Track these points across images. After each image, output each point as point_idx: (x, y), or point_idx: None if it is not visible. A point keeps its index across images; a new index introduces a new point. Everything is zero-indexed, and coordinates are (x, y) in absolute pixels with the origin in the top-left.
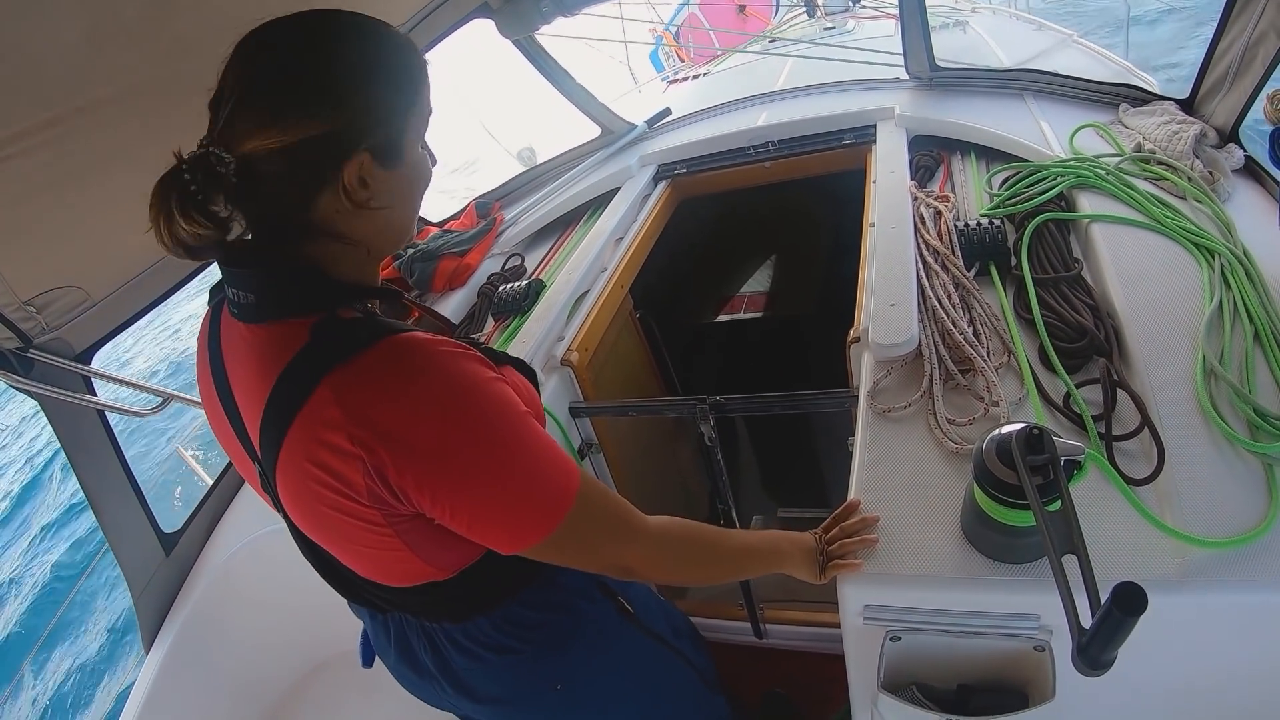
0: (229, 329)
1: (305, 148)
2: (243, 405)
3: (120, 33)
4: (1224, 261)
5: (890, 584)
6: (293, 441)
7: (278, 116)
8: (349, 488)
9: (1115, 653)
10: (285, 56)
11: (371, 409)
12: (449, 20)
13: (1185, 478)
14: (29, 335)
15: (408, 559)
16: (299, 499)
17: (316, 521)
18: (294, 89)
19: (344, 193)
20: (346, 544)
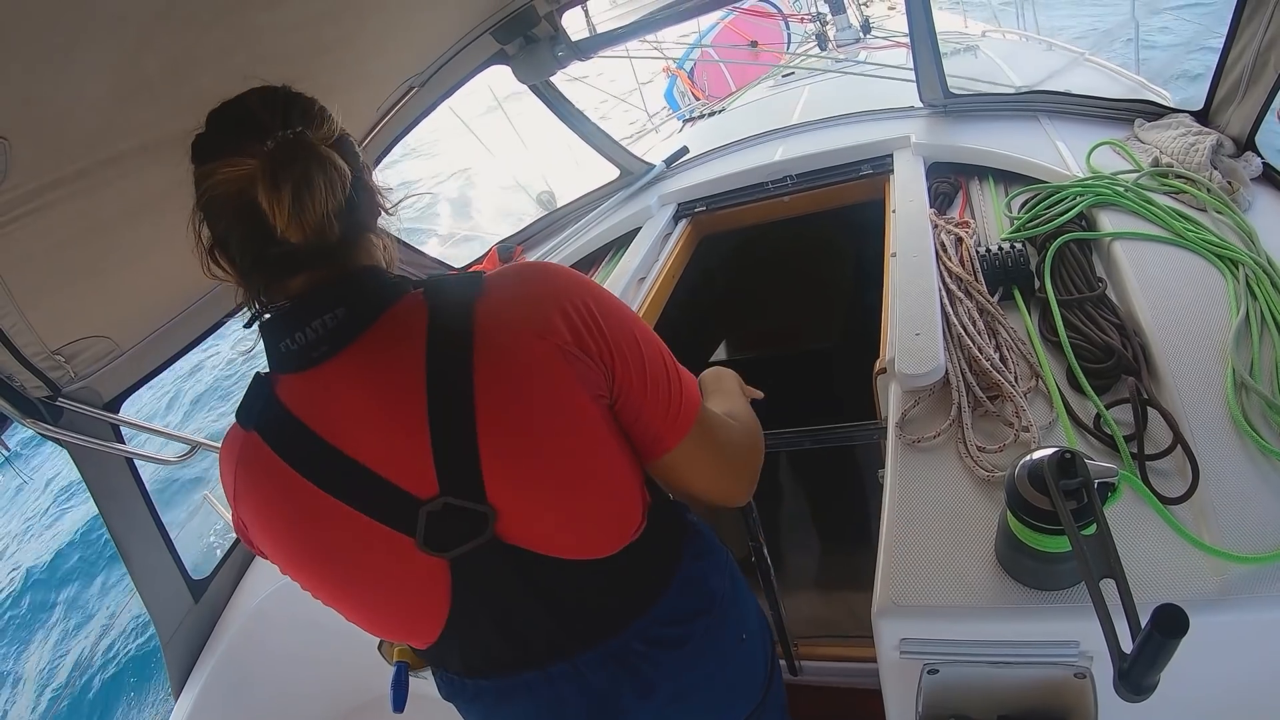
0: (304, 391)
1: (345, 140)
2: (373, 441)
3: (143, 88)
4: (1248, 272)
5: (926, 616)
6: (532, 383)
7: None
8: (583, 365)
9: (1158, 676)
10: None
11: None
12: (467, 67)
13: (1221, 493)
14: (58, 384)
15: (625, 477)
16: (560, 443)
17: (572, 462)
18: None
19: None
20: (580, 468)
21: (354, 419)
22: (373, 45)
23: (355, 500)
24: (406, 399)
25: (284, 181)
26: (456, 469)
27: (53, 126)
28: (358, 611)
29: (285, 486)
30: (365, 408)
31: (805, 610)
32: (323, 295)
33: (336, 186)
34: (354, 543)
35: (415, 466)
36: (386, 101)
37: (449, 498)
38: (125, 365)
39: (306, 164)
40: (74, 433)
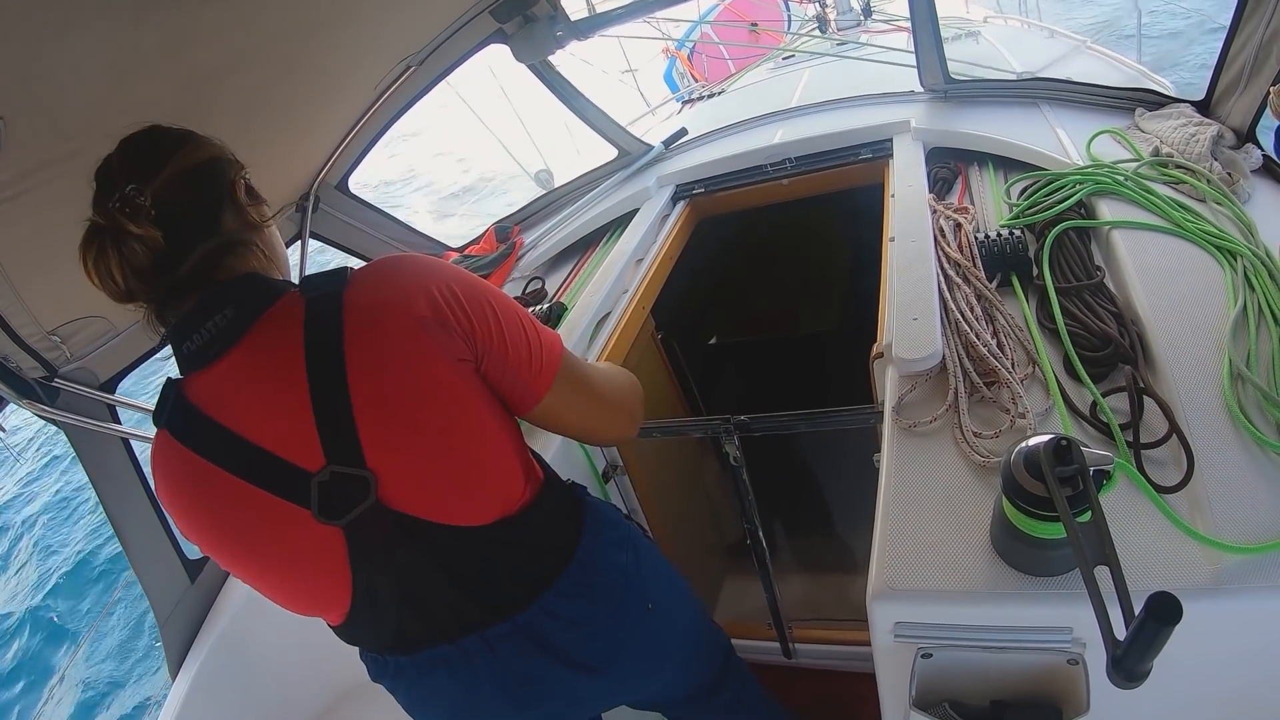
0: (206, 386)
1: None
2: (266, 424)
3: (140, 64)
4: (1247, 263)
5: (921, 600)
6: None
7: (171, 154)
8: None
9: (1151, 664)
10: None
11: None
12: (464, 47)
13: (1215, 483)
14: (54, 365)
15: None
16: (428, 408)
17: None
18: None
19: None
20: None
21: (249, 405)
22: (370, 23)
23: (255, 478)
24: (290, 382)
25: (86, 257)
26: (337, 439)
27: (48, 105)
28: (273, 589)
29: (195, 473)
30: (258, 394)
31: (800, 594)
32: (209, 303)
33: (136, 257)
34: (259, 519)
35: (304, 442)
36: (384, 80)
37: (334, 466)
38: (121, 346)
39: (102, 244)
40: (70, 413)
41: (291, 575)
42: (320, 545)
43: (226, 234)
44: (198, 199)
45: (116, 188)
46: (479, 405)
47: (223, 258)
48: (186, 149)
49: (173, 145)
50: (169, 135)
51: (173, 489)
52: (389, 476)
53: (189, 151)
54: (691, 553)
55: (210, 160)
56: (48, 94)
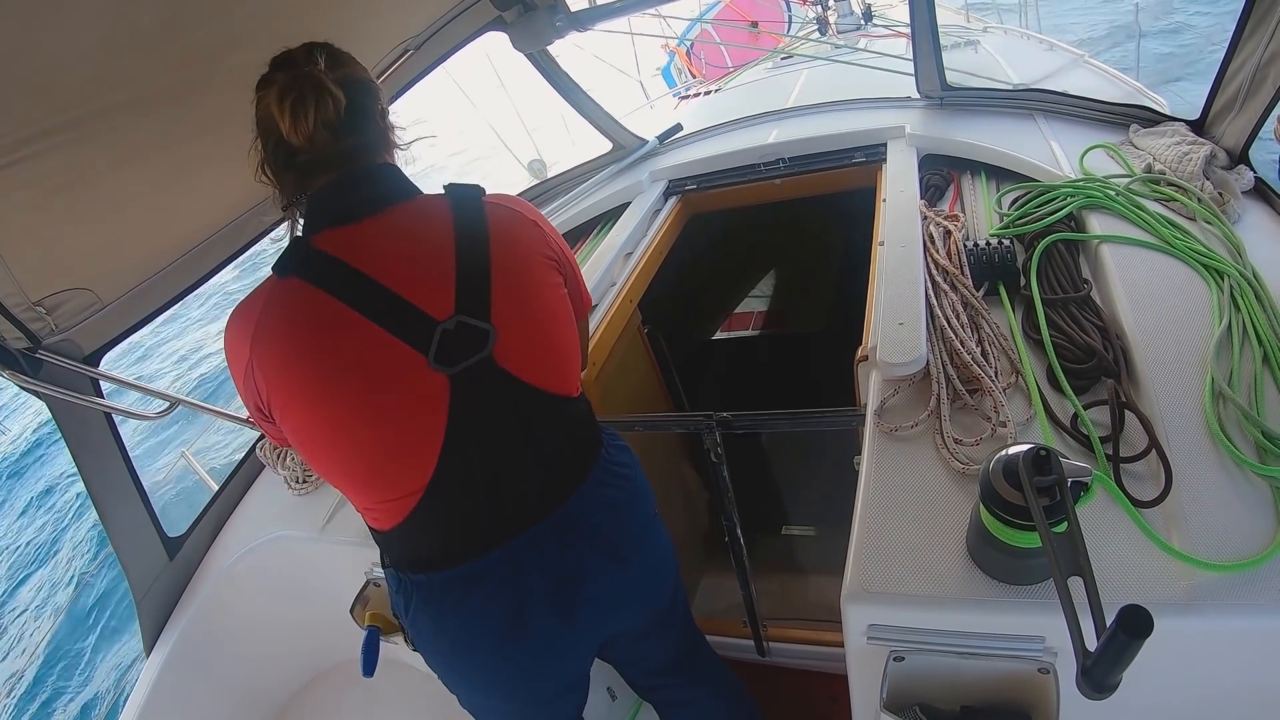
0: (345, 239)
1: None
2: (403, 274)
3: (136, 40)
4: (1233, 283)
5: (895, 604)
6: (522, 249)
7: (348, 62)
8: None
9: (1120, 676)
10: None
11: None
12: (463, 33)
13: (1192, 500)
14: (38, 336)
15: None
16: (539, 291)
17: (546, 307)
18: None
19: (385, 119)
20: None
21: (389, 257)
22: (369, 5)
23: (382, 318)
24: (438, 243)
25: (285, 98)
26: (471, 295)
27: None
28: (358, 437)
29: (319, 307)
30: (401, 248)
31: (775, 592)
32: (369, 172)
33: (328, 108)
34: (374, 355)
35: (438, 294)
36: (381, 63)
37: (462, 316)
38: (107, 319)
39: (303, 89)
40: (53, 385)
41: (389, 424)
42: (425, 394)
43: (375, 135)
44: (363, 101)
45: (300, 65)
46: (567, 302)
47: (371, 151)
48: (358, 66)
49: (348, 58)
50: (343, 52)
51: (289, 324)
52: (504, 336)
53: (359, 69)
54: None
55: (371, 81)
56: (42, 67)
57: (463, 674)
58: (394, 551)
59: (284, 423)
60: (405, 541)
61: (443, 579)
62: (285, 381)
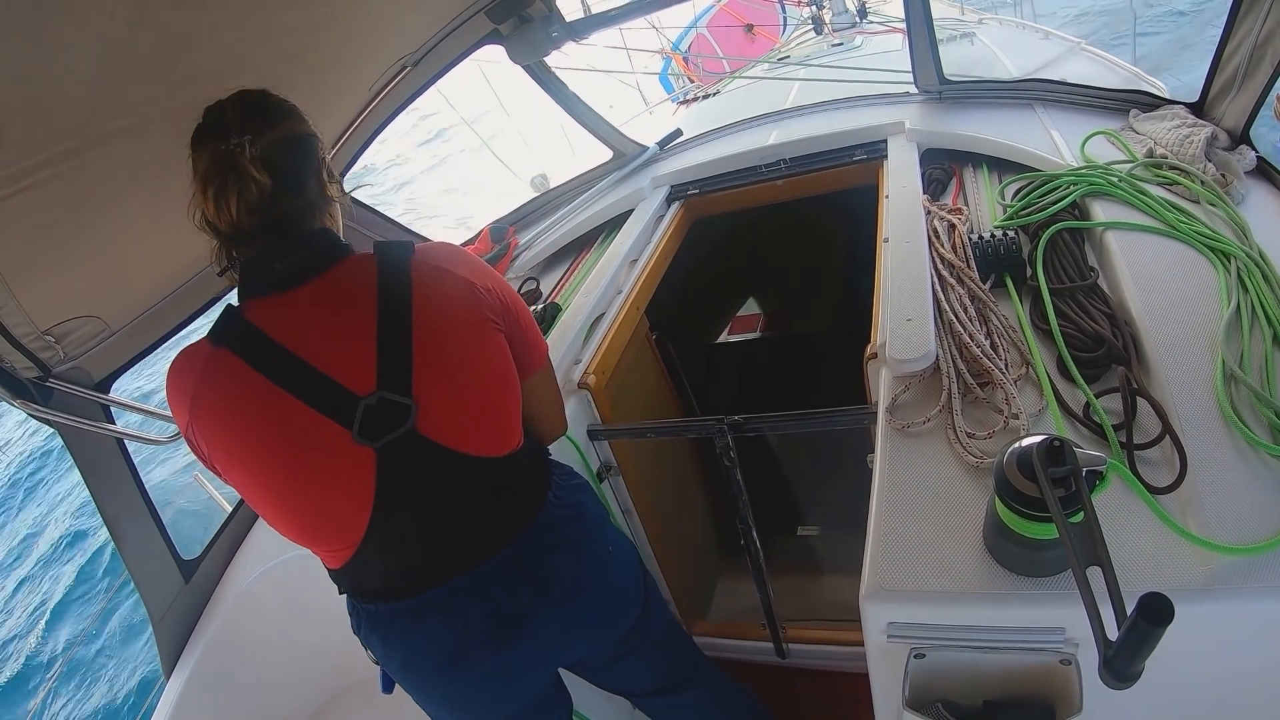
0: (272, 312)
1: (298, 141)
2: (327, 350)
3: (134, 66)
4: (1240, 264)
5: (914, 601)
6: (447, 314)
7: (282, 120)
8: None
9: (1142, 664)
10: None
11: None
12: (460, 47)
13: (1208, 484)
14: (48, 364)
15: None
16: (465, 356)
17: (476, 372)
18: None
19: (325, 177)
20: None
21: (314, 331)
22: (366, 24)
23: (306, 395)
24: (360, 315)
25: (208, 185)
26: (392, 369)
27: (43, 105)
28: (292, 501)
29: (247, 385)
30: (325, 323)
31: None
32: (295, 241)
33: (250, 193)
34: (301, 433)
35: (360, 369)
36: (379, 81)
37: (384, 392)
38: (115, 345)
39: (225, 176)
40: (64, 413)
41: (318, 490)
42: (352, 465)
43: (309, 197)
44: (294, 163)
45: (230, 134)
46: (507, 359)
47: (303, 216)
48: (293, 120)
49: (284, 113)
50: (282, 104)
51: (219, 398)
52: (427, 407)
53: (295, 123)
54: (685, 553)
55: (309, 136)
56: (43, 95)
57: (419, 692)
58: (343, 585)
59: (227, 480)
60: (351, 579)
61: (389, 610)
62: (223, 448)
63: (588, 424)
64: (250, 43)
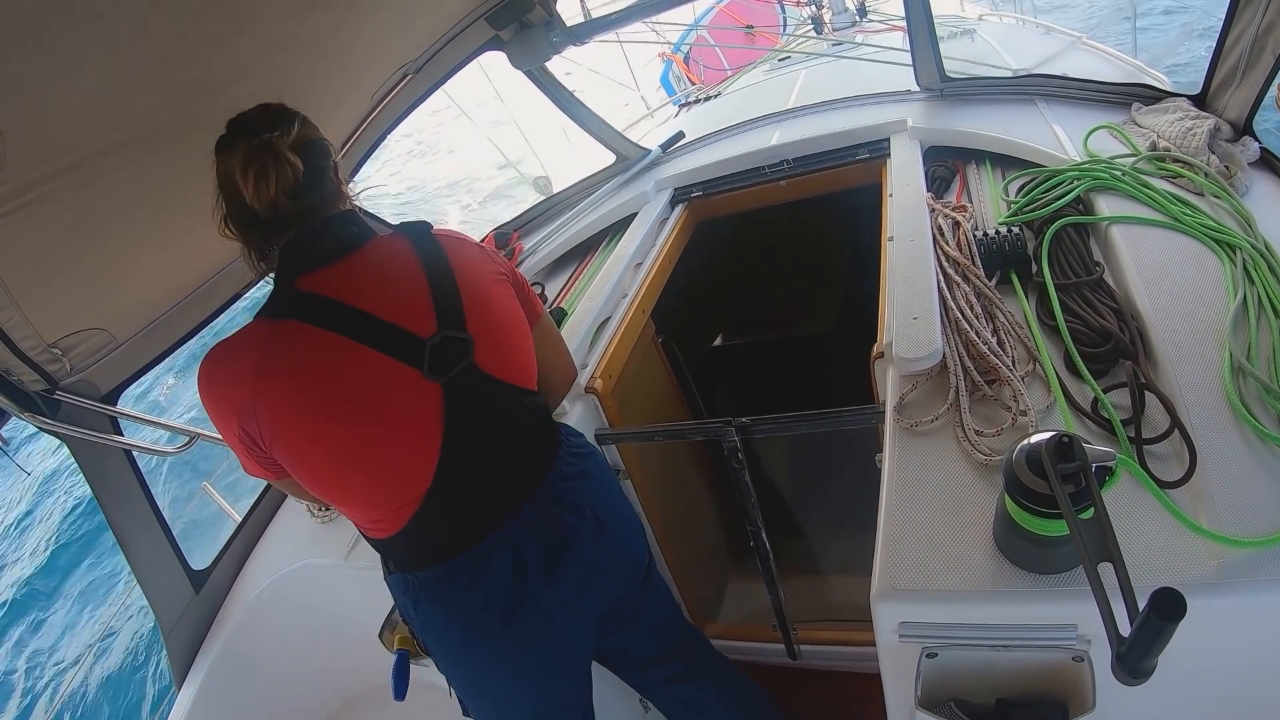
0: (326, 280)
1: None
2: (387, 303)
3: (136, 77)
4: (1246, 256)
5: (925, 600)
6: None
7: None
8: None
9: (1156, 660)
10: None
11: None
12: (461, 54)
13: (1218, 478)
14: (55, 377)
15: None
16: (497, 302)
17: (506, 314)
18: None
19: (336, 173)
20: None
21: (371, 289)
22: (366, 32)
23: (378, 343)
24: (409, 272)
25: (249, 168)
26: (448, 312)
27: (46, 119)
28: (368, 451)
29: (319, 343)
30: (379, 281)
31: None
32: (336, 220)
33: (288, 176)
34: (376, 377)
35: (421, 316)
36: (381, 89)
37: (445, 331)
38: (122, 357)
39: (264, 160)
40: (72, 426)
41: (394, 433)
42: (423, 403)
43: (330, 190)
44: (316, 159)
45: (258, 132)
46: (520, 311)
47: (329, 204)
48: (309, 126)
49: (301, 120)
50: (294, 113)
51: (292, 363)
52: (481, 343)
53: (312, 129)
54: (695, 556)
55: (323, 140)
56: (46, 108)
57: (474, 664)
58: (398, 555)
59: (289, 454)
60: (408, 544)
61: (448, 569)
62: (295, 413)
63: (595, 428)
64: (251, 52)
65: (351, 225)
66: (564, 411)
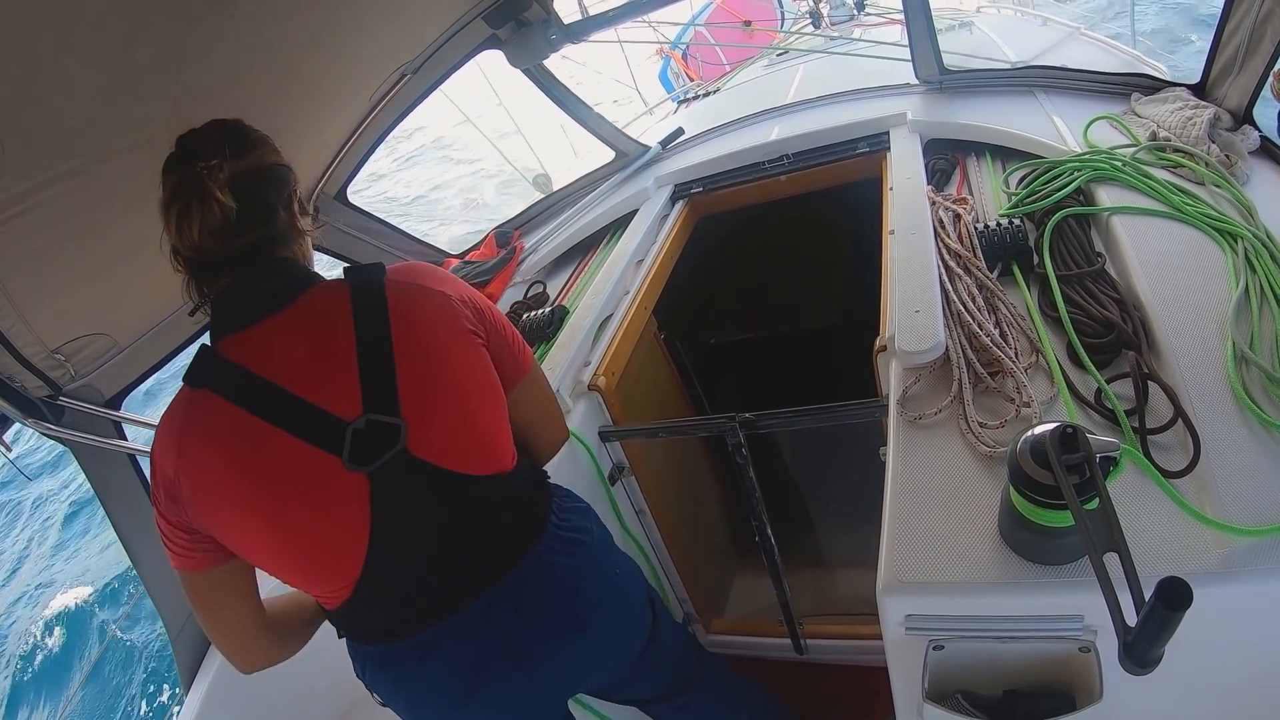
0: (247, 345)
1: (269, 171)
2: (308, 378)
3: (134, 83)
4: (1247, 245)
5: (931, 592)
6: (428, 329)
7: (254, 148)
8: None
9: (1162, 649)
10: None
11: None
12: (459, 54)
13: (1222, 466)
14: (58, 383)
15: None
16: (452, 370)
17: (462, 385)
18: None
19: (296, 209)
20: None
21: (292, 361)
22: (363, 33)
23: (292, 426)
24: (337, 340)
25: (170, 206)
26: (377, 389)
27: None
28: (288, 540)
29: (232, 423)
30: (302, 351)
31: (810, 589)
32: (259, 272)
33: (214, 217)
34: (291, 465)
35: (343, 393)
36: (379, 89)
37: (371, 414)
38: (125, 362)
39: (188, 198)
40: (76, 431)
41: (313, 525)
42: (345, 494)
43: (277, 229)
44: (264, 192)
45: (200, 157)
46: (490, 372)
47: (270, 245)
48: (265, 149)
49: (256, 142)
50: (255, 133)
51: (207, 441)
52: (416, 426)
53: (267, 153)
54: (700, 552)
55: (280, 166)
56: (45, 115)
57: None
58: (343, 628)
59: (217, 532)
60: (352, 620)
61: (396, 650)
62: (215, 493)
63: (599, 425)
64: (248, 54)
65: (286, 275)
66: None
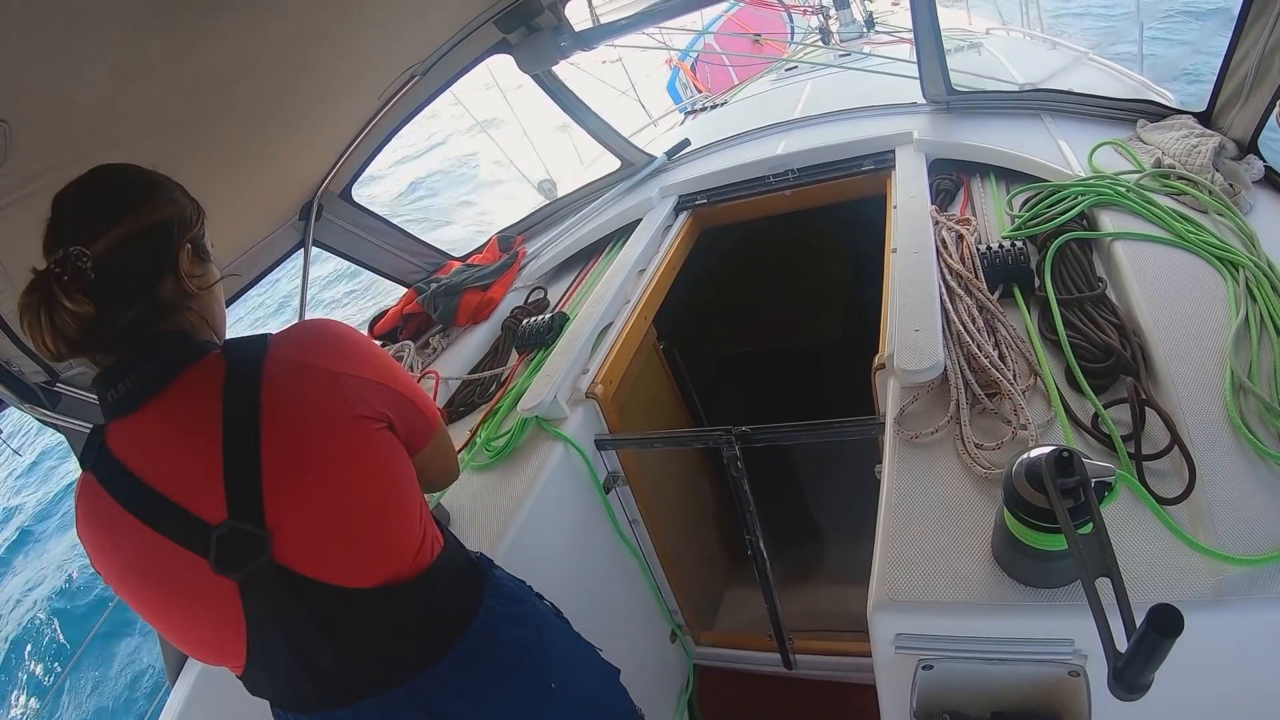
0: (125, 434)
1: (146, 235)
2: (173, 476)
3: (145, 71)
4: (1249, 274)
5: (922, 612)
6: (307, 420)
7: (126, 212)
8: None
9: (1152, 676)
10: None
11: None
12: (469, 57)
13: (1217, 495)
14: (55, 370)
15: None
16: (337, 469)
17: (347, 483)
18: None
19: (187, 267)
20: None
21: (162, 456)
22: (374, 32)
23: (161, 526)
24: (205, 436)
25: (23, 316)
26: (241, 494)
27: (54, 110)
28: (176, 636)
29: (110, 515)
30: (172, 445)
31: (801, 605)
32: (132, 356)
33: (67, 327)
34: (163, 565)
35: (208, 495)
36: (388, 89)
37: (234, 521)
38: None
39: (35, 309)
40: (71, 418)
41: (192, 622)
42: (219, 595)
43: (161, 300)
44: (139, 266)
45: (63, 241)
46: (386, 465)
47: (153, 322)
48: (139, 210)
49: (129, 202)
50: (128, 189)
51: (90, 528)
52: (286, 534)
53: (142, 212)
54: (692, 563)
55: (162, 223)
56: (53, 100)
57: None
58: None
59: None
60: (255, 691)
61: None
62: (108, 578)
63: (595, 433)
64: (259, 49)
65: (158, 357)
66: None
